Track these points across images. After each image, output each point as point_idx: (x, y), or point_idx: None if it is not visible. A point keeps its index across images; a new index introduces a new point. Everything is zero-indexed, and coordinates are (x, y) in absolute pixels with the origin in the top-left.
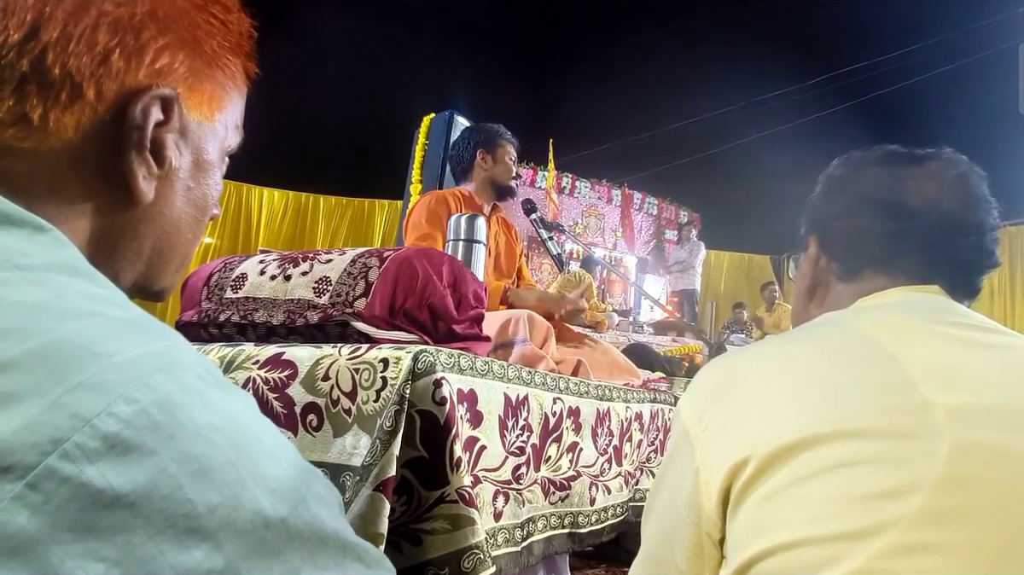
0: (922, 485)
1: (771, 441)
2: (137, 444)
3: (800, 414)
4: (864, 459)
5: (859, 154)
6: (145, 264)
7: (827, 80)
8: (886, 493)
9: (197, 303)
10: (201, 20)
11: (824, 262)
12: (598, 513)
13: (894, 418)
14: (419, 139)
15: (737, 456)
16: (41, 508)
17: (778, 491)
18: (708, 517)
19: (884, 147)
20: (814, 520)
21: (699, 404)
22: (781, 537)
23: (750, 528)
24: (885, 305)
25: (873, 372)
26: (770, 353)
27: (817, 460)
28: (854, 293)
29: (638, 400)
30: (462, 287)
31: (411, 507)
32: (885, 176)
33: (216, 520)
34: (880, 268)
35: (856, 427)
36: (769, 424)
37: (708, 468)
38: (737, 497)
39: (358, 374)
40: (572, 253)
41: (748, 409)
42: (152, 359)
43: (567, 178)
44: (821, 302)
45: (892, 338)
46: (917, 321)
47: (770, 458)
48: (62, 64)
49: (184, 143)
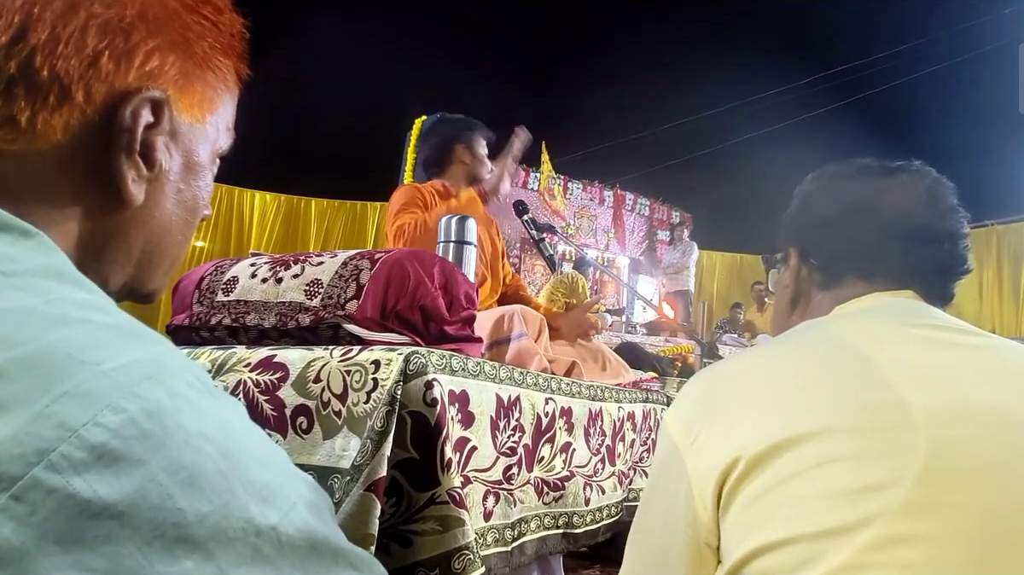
0: (904, 477)
1: (755, 443)
2: (125, 454)
3: (782, 416)
4: (845, 455)
5: (833, 168)
6: (135, 267)
7: (820, 79)
8: (868, 487)
9: (188, 307)
10: (192, 21)
11: (805, 273)
12: (593, 513)
13: (872, 414)
14: (410, 141)
15: (725, 461)
16: (27, 520)
17: (764, 492)
18: (706, 527)
19: (856, 161)
20: (800, 518)
21: (685, 417)
22: (769, 536)
23: (739, 530)
24: (862, 310)
25: (850, 372)
26: (752, 361)
27: (800, 459)
28: (833, 300)
29: (630, 400)
30: (454, 288)
31: (401, 508)
32: (862, 188)
33: (206, 529)
34: (860, 275)
35: (836, 425)
36: (753, 428)
37: (700, 476)
38: (726, 500)
39: (349, 376)
40: (564, 254)
41: (733, 416)
42: (140, 366)
43: (559, 179)
44: (803, 312)
45: (868, 341)
46: (892, 325)
47: (755, 460)
48: (50, 66)
49: (174, 145)
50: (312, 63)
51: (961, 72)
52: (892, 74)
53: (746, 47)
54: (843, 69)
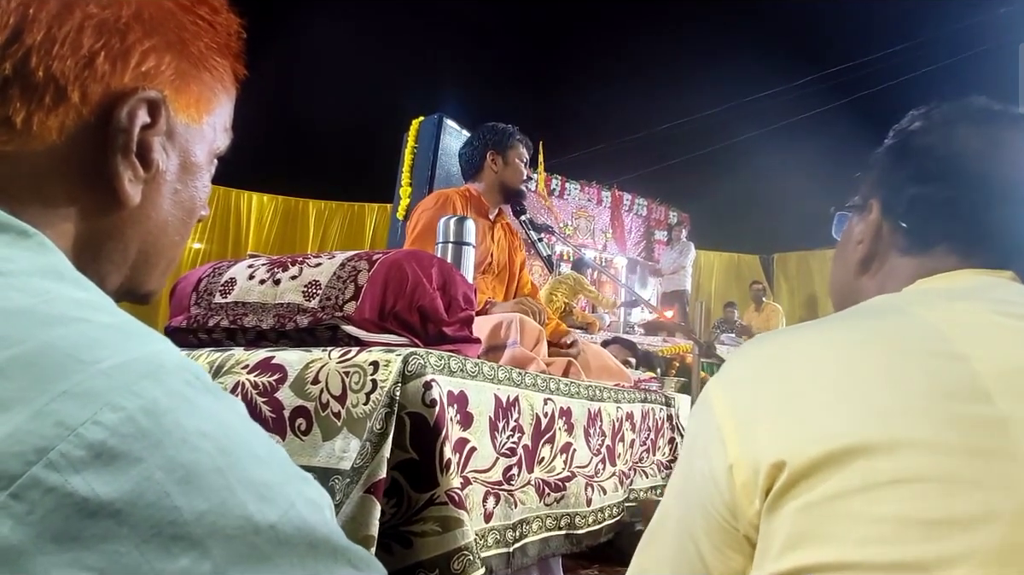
0: (999, 515)
1: (818, 441)
2: (123, 452)
3: (852, 414)
4: (928, 477)
5: (946, 107)
6: (131, 267)
7: (817, 79)
8: (955, 521)
9: (186, 308)
10: (188, 22)
11: (887, 231)
12: (595, 514)
13: (964, 431)
14: (408, 142)
15: (775, 456)
16: (25, 518)
17: (824, 501)
18: (750, 521)
19: (976, 100)
20: (867, 542)
21: (732, 392)
22: (826, 555)
23: (788, 537)
24: (954, 290)
25: (939, 373)
26: (816, 339)
27: (871, 471)
28: (915, 269)
29: (628, 400)
30: (452, 289)
31: (401, 509)
32: (978, 139)
33: (203, 527)
34: (955, 245)
35: (918, 437)
36: (816, 421)
37: (745, 466)
38: (775, 499)
39: (348, 377)
40: (562, 255)
41: (791, 402)
42: (138, 365)
43: (557, 180)
44: (875, 275)
45: (961, 332)
46: (991, 314)
47: (817, 461)
48: (46, 67)
49: (171, 145)
50: (309, 64)
51: (959, 71)
52: (889, 74)
53: (744, 47)
54: (841, 68)
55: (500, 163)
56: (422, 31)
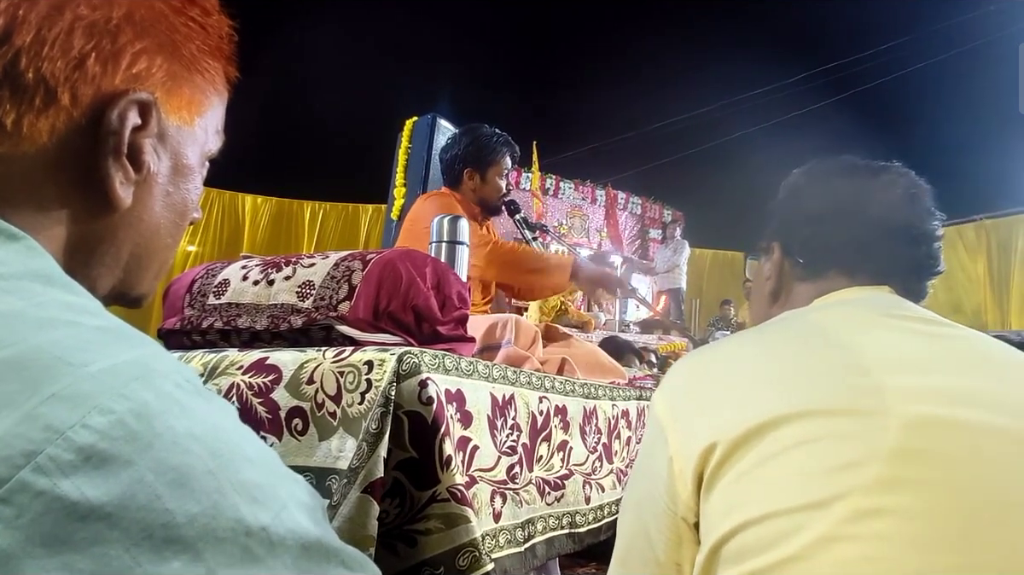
0: (875, 456)
1: (739, 424)
2: (113, 455)
3: (764, 398)
4: (823, 436)
5: (820, 165)
6: (123, 270)
7: (812, 76)
8: (844, 465)
9: (179, 310)
10: (179, 24)
11: (788, 266)
12: (594, 511)
13: (850, 398)
14: (402, 143)
15: (707, 441)
16: (14, 522)
17: (747, 471)
18: (685, 503)
19: (843, 158)
20: (778, 495)
21: (670, 397)
22: (749, 514)
23: (722, 509)
24: (842, 301)
25: (830, 359)
26: (737, 347)
27: (781, 440)
28: (814, 292)
29: (624, 398)
30: (446, 288)
31: (404, 509)
32: (849, 187)
33: (195, 529)
34: (843, 270)
35: (815, 407)
36: (737, 409)
37: (681, 456)
38: (709, 480)
39: (343, 377)
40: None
41: (716, 397)
42: (128, 368)
43: (551, 179)
44: (783, 303)
45: (848, 329)
46: (872, 315)
47: (738, 440)
48: (36, 69)
49: (163, 148)
50: (304, 65)
51: (953, 67)
52: (883, 70)
53: (738, 44)
54: (835, 65)
55: (477, 180)
56: (417, 33)
